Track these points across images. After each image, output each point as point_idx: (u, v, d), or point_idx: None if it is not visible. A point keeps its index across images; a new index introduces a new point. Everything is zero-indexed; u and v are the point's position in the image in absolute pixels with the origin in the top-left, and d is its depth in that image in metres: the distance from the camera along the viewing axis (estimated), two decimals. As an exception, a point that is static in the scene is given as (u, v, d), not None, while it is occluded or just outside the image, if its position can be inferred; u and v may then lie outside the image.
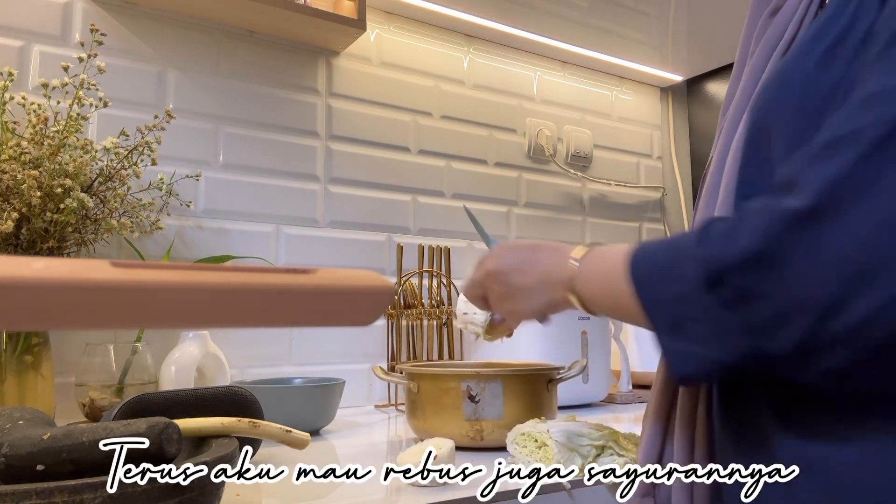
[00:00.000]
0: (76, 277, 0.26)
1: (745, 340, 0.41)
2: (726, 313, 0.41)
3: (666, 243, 0.47)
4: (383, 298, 0.34)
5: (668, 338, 0.45)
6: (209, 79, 1.22)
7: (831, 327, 0.38)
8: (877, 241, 0.36)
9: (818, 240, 0.38)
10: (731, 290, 0.40)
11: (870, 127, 0.38)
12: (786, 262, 0.38)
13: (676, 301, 0.43)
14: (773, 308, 0.39)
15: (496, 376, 0.83)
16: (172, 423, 0.49)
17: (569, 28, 1.54)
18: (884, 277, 0.36)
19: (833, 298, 0.37)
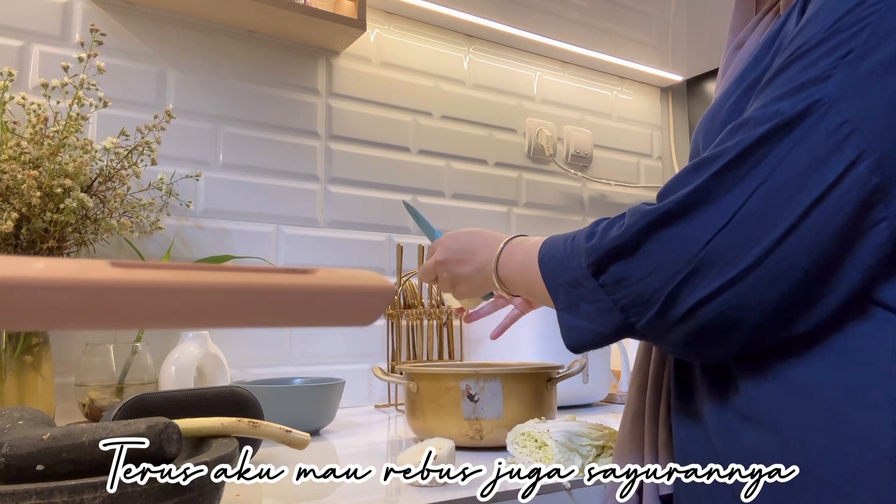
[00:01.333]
0: (76, 277, 0.26)
1: (619, 316, 0.50)
2: (605, 295, 0.50)
3: (566, 236, 0.57)
4: (383, 298, 0.34)
5: (565, 315, 0.54)
6: (209, 79, 1.22)
7: (673, 311, 0.46)
8: (709, 244, 0.45)
9: (668, 238, 0.46)
10: (610, 276, 0.50)
11: (728, 150, 0.45)
12: (647, 254, 0.47)
13: (571, 285, 0.53)
14: (637, 292, 0.48)
15: (495, 375, 0.83)
16: (172, 423, 0.49)
17: (569, 28, 1.54)
18: (708, 274, 0.45)
19: (673, 288, 0.46)
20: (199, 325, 0.30)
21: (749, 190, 0.44)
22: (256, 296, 0.30)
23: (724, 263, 0.44)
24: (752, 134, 0.45)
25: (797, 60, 0.45)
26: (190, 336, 1.04)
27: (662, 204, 0.47)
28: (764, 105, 0.46)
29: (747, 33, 0.63)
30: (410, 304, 1.31)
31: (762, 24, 0.62)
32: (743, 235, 0.44)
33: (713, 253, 0.45)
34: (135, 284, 0.27)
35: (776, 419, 0.47)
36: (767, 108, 0.45)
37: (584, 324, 0.53)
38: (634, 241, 0.48)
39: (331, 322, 0.33)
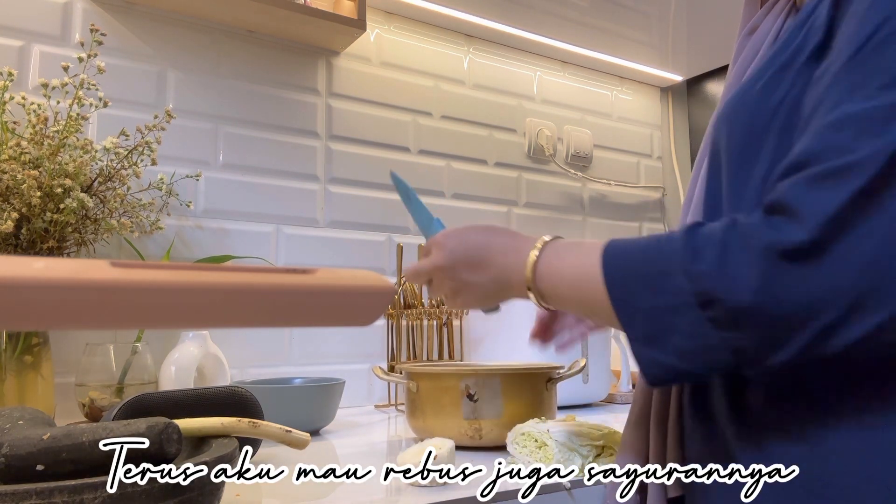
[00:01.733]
0: (76, 277, 0.26)
1: (727, 359, 0.42)
2: (715, 332, 0.42)
3: (644, 247, 0.47)
4: (383, 298, 0.34)
5: (644, 347, 0.45)
6: (209, 79, 1.22)
7: (814, 352, 0.40)
8: (864, 276, 0.38)
9: (809, 276, 0.39)
10: (723, 314, 0.41)
11: (865, 159, 0.39)
12: (780, 295, 0.40)
13: (661, 312, 0.44)
14: (761, 335, 0.41)
15: (494, 375, 0.83)
16: (172, 423, 0.49)
17: (569, 28, 1.54)
18: (871, 307, 0.38)
19: (810, 336, 0.40)
20: (199, 325, 0.30)
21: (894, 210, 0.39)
22: (256, 296, 0.30)
23: (880, 299, 0.39)
24: (888, 139, 0.39)
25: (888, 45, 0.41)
26: (190, 336, 1.04)
27: (797, 231, 0.40)
28: (868, 97, 0.40)
29: (760, 18, 0.61)
30: (410, 304, 1.31)
31: (776, 9, 0.60)
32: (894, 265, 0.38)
33: (867, 288, 0.39)
34: (135, 284, 0.27)
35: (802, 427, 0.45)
36: (878, 101, 0.40)
37: (671, 361, 0.44)
38: (763, 276, 0.40)
39: (331, 322, 0.34)
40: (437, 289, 0.62)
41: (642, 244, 0.47)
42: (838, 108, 0.41)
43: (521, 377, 0.85)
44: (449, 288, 0.60)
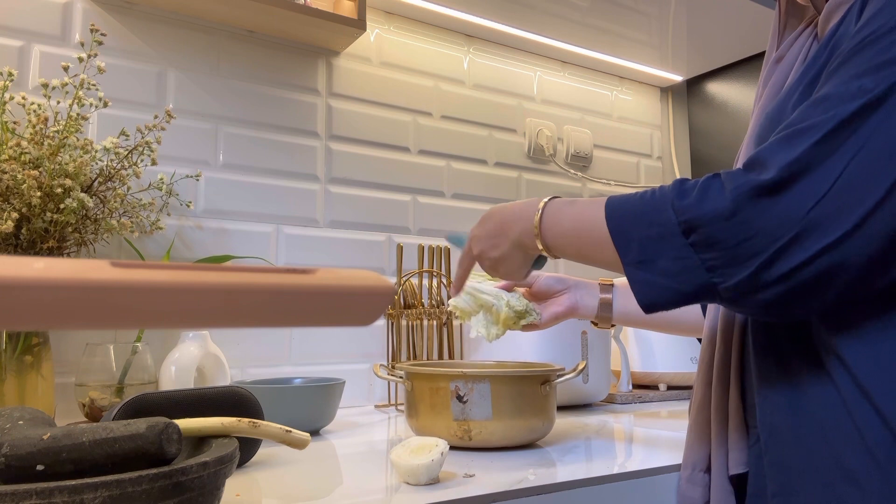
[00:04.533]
0: (76, 277, 0.26)
1: (703, 276, 0.52)
2: (693, 254, 0.52)
3: (640, 194, 0.57)
4: (383, 298, 0.34)
5: (637, 270, 0.55)
6: (209, 79, 1.22)
7: (769, 273, 0.50)
8: (811, 211, 0.48)
9: (771, 205, 0.49)
10: (702, 237, 0.51)
11: (823, 122, 0.50)
12: (746, 220, 0.50)
13: (650, 240, 0.54)
14: (731, 255, 0.51)
15: (484, 377, 0.82)
16: (172, 423, 0.49)
17: (569, 28, 1.54)
18: (809, 239, 0.48)
19: (775, 251, 0.49)
20: (199, 325, 0.30)
21: (846, 159, 0.48)
22: (256, 296, 0.30)
23: (825, 229, 0.48)
24: (844, 108, 0.49)
25: (871, 45, 0.50)
26: (190, 336, 1.04)
27: (765, 174, 0.50)
28: (843, 82, 0.50)
29: (786, 48, 0.69)
30: (410, 304, 1.31)
31: (801, 39, 0.68)
32: (842, 202, 0.48)
33: (814, 220, 0.48)
34: (135, 284, 0.27)
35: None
36: (849, 85, 0.50)
37: (660, 280, 0.54)
38: (734, 206, 0.50)
39: (331, 322, 0.34)
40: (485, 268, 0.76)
41: (639, 193, 0.58)
42: (820, 91, 0.52)
43: (512, 379, 0.83)
44: (489, 265, 0.74)
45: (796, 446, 0.55)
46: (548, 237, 0.66)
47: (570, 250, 0.65)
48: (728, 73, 1.82)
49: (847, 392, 0.52)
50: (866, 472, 0.50)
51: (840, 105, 0.50)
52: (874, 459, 0.50)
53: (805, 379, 0.55)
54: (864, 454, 0.50)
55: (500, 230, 0.71)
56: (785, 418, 0.57)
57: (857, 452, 0.51)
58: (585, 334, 1.24)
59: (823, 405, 0.54)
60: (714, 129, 1.86)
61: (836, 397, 0.53)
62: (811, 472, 0.54)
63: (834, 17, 0.61)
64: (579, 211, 0.63)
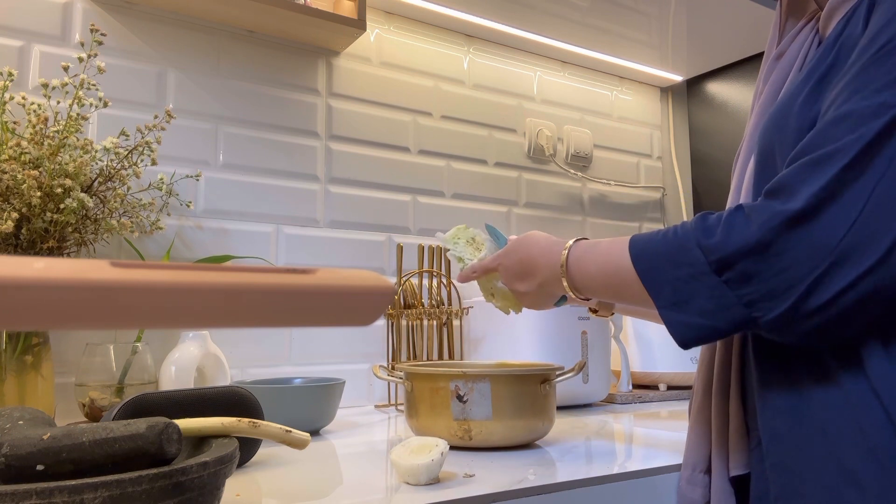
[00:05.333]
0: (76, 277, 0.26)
1: (741, 312, 0.51)
2: (728, 291, 0.51)
3: (663, 233, 0.57)
4: (383, 298, 0.34)
5: (671, 312, 0.55)
6: (209, 79, 1.22)
7: (808, 304, 0.49)
8: (845, 238, 0.48)
9: (803, 236, 0.49)
10: (736, 273, 0.51)
11: (847, 145, 0.49)
12: (780, 252, 0.49)
13: (682, 281, 0.54)
14: (768, 287, 0.50)
15: (484, 376, 0.82)
16: (172, 423, 0.49)
17: (569, 28, 1.54)
18: (845, 266, 0.48)
19: (812, 282, 0.48)
20: (199, 325, 0.30)
21: (873, 182, 0.48)
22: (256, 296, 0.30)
23: (860, 255, 0.48)
24: (868, 129, 0.49)
25: (888, 56, 0.50)
26: (190, 336, 1.04)
27: (792, 202, 0.49)
28: (864, 98, 0.50)
29: (786, 45, 0.69)
30: (410, 304, 1.31)
31: (801, 36, 0.68)
32: (874, 227, 0.48)
33: (848, 247, 0.48)
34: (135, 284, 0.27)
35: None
36: (870, 101, 0.49)
37: (697, 320, 0.53)
38: (766, 239, 0.50)
39: (331, 322, 0.33)
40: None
41: (661, 232, 0.57)
42: (841, 108, 0.51)
43: (512, 379, 0.83)
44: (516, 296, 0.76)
45: (798, 449, 0.55)
46: (576, 281, 0.67)
47: (600, 291, 0.65)
48: (728, 73, 1.82)
49: (854, 394, 0.52)
50: (868, 474, 0.50)
51: (863, 124, 0.49)
52: (877, 461, 0.50)
53: (807, 381, 0.55)
54: (866, 456, 0.50)
55: (528, 269, 0.72)
56: (786, 421, 0.57)
57: (859, 454, 0.51)
58: (585, 334, 1.24)
59: (826, 407, 0.54)
60: (714, 128, 1.86)
61: (840, 399, 0.53)
62: (813, 475, 0.54)
63: (836, 15, 0.60)
64: (604, 253, 0.63)
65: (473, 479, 0.68)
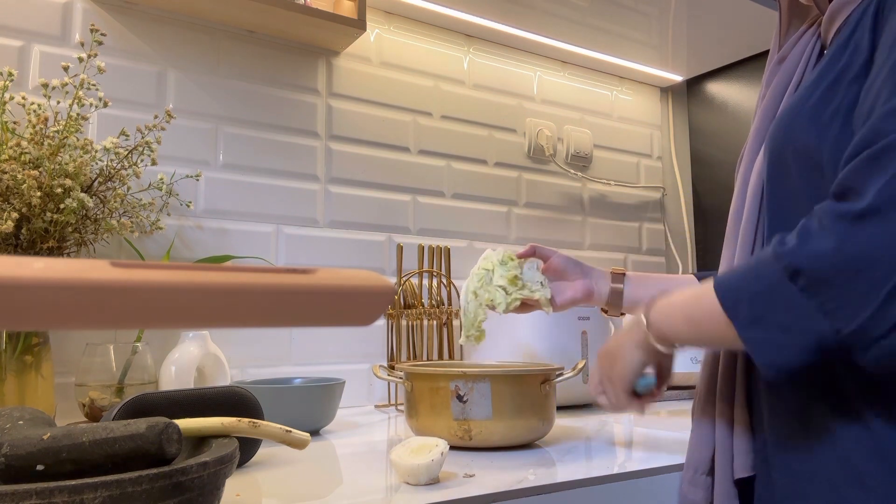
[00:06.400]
0: (76, 277, 0.26)
1: (822, 323, 0.47)
2: (807, 301, 0.47)
3: (743, 264, 0.54)
4: (383, 298, 0.34)
5: (750, 330, 0.50)
6: (209, 79, 1.22)
7: (891, 311, 0.44)
8: None
9: (876, 232, 0.45)
10: (809, 279, 0.47)
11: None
12: (854, 253, 0.46)
13: (760, 295, 0.50)
14: (844, 291, 0.46)
15: (484, 376, 0.82)
16: (172, 423, 0.49)
17: (569, 28, 1.54)
18: None
19: (889, 286, 0.44)
20: (199, 325, 0.30)
21: None
22: (257, 296, 0.30)
23: None
24: None
25: None
26: (190, 336, 1.04)
27: (861, 201, 0.47)
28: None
29: (788, 49, 0.69)
30: (410, 304, 1.31)
31: (803, 40, 0.68)
32: None
33: None
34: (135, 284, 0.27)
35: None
36: None
37: (777, 336, 0.49)
38: (837, 240, 0.46)
39: (331, 322, 0.33)
40: (607, 394, 0.72)
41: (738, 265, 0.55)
42: (886, 104, 0.49)
43: (512, 379, 0.84)
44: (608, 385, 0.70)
45: (804, 450, 0.55)
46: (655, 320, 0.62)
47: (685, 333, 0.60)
48: (728, 73, 1.82)
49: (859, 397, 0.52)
50: (874, 475, 0.50)
51: None
52: (883, 461, 0.50)
53: (816, 385, 0.55)
54: (872, 456, 0.50)
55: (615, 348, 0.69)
56: (792, 423, 0.57)
57: (865, 455, 0.51)
58: (585, 334, 1.24)
59: (832, 409, 0.54)
60: (714, 129, 1.86)
61: (847, 401, 0.53)
62: (819, 477, 0.54)
63: (838, 19, 0.61)
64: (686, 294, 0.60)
65: (473, 479, 0.68)
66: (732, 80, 1.81)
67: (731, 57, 1.76)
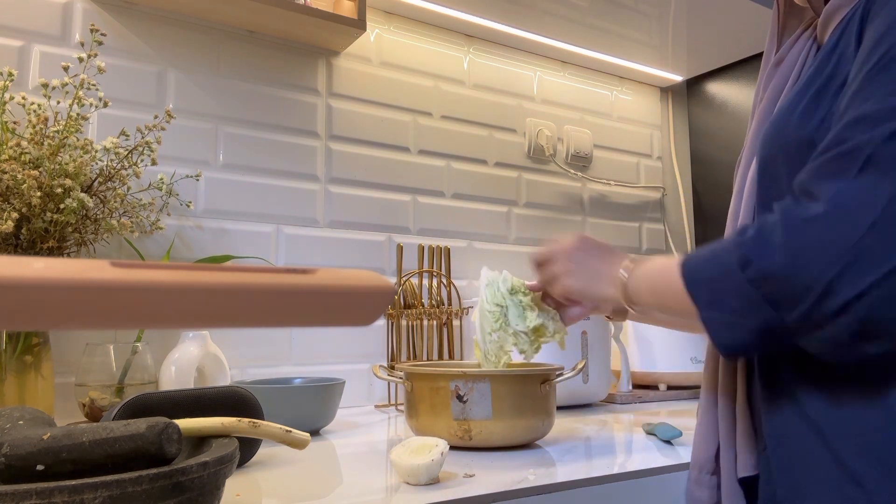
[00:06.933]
0: (76, 277, 0.26)
1: (768, 311, 0.50)
2: (752, 289, 0.51)
3: (709, 246, 0.58)
4: (383, 298, 0.34)
5: (708, 311, 0.54)
6: (209, 79, 1.22)
7: (828, 304, 0.48)
8: (862, 240, 0.47)
9: (823, 235, 0.48)
10: (757, 270, 0.51)
11: (864, 143, 0.49)
12: (797, 252, 0.49)
13: (715, 280, 0.54)
14: (786, 285, 0.49)
15: (484, 376, 0.82)
16: (172, 423, 0.49)
17: (569, 28, 1.54)
18: (862, 269, 0.46)
19: (829, 282, 0.47)
20: (199, 325, 0.30)
21: (893, 181, 0.47)
22: (257, 296, 0.30)
23: (878, 257, 0.46)
24: (885, 127, 0.48)
25: (893, 62, 0.50)
26: (190, 336, 1.04)
27: (814, 203, 0.49)
28: (878, 100, 0.50)
29: (785, 51, 0.69)
30: (410, 304, 1.31)
31: (800, 42, 0.68)
32: (893, 229, 0.47)
33: (867, 248, 0.47)
34: (135, 284, 0.27)
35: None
36: (883, 103, 0.49)
37: (730, 318, 0.53)
38: (787, 237, 0.50)
39: (331, 322, 0.34)
40: (554, 268, 0.76)
41: (707, 246, 0.58)
42: (854, 112, 0.51)
43: (512, 379, 0.83)
44: (564, 268, 0.74)
45: (801, 450, 0.55)
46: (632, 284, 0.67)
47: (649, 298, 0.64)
48: (728, 73, 1.82)
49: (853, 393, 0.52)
50: (869, 473, 0.50)
51: (878, 125, 0.49)
52: (879, 460, 0.50)
53: (807, 385, 0.56)
54: (868, 455, 0.51)
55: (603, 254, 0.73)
56: (787, 423, 0.57)
57: (860, 453, 0.51)
58: (585, 334, 1.24)
59: (826, 408, 0.54)
60: (714, 129, 1.86)
61: (840, 400, 0.53)
62: (817, 476, 0.54)
63: (833, 22, 0.61)
64: (658, 262, 0.65)
65: (473, 479, 0.68)
66: (732, 80, 1.81)
67: (731, 57, 1.76)
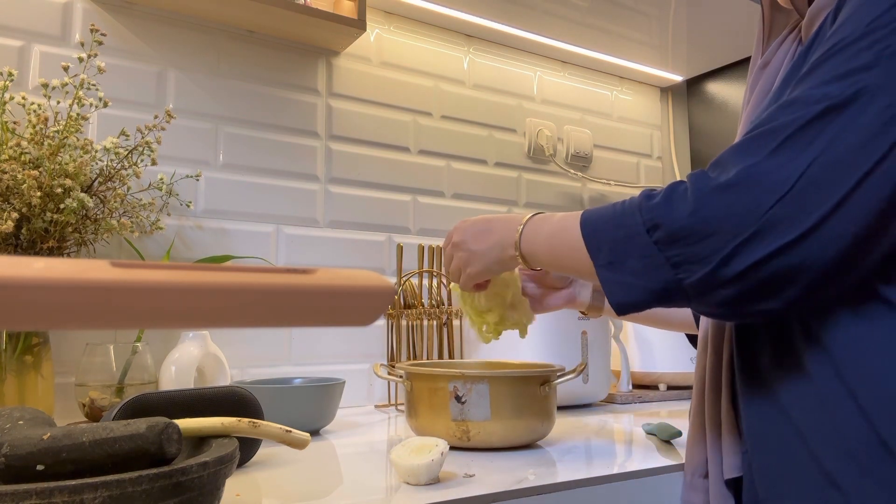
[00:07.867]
0: (76, 277, 0.26)
1: (668, 272, 0.53)
2: (659, 252, 0.53)
3: (611, 205, 0.59)
4: (383, 298, 0.34)
5: (607, 271, 0.57)
6: (209, 79, 1.22)
7: (727, 270, 0.50)
8: (771, 210, 0.49)
9: (731, 203, 0.50)
10: (665, 234, 0.53)
11: (786, 125, 0.51)
12: (706, 218, 0.51)
13: (618, 241, 0.56)
14: (693, 251, 0.51)
15: (482, 377, 0.82)
16: (172, 423, 0.49)
17: (569, 28, 1.54)
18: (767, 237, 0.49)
19: (732, 249, 0.50)
20: (199, 325, 0.30)
21: (807, 162, 0.49)
22: (257, 296, 0.30)
23: (783, 228, 0.49)
24: (807, 111, 0.50)
25: (839, 53, 0.51)
26: (190, 336, 1.04)
27: (726, 174, 0.51)
28: (811, 88, 0.51)
29: (771, 53, 0.70)
30: (410, 304, 1.31)
31: (785, 44, 0.69)
32: (802, 203, 0.49)
33: (773, 219, 0.49)
34: (135, 284, 0.27)
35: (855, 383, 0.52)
36: (815, 91, 0.51)
37: (629, 279, 0.55)
38: (696, 204, 0.51)
39: (331, 322, 0.33)
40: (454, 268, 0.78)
41: (612, 203, 0.60)
42: (788, 96, 0.53)
43: (511, 380, 0.83)
44: (460, 259, 0.76)
45: (779, 452, 0.56)
46: (525, 244, 0.69)
47: (546, 257, 0.67)
48: (728, 73, 1.82)
49: (828, 392, 0.52)
50: (846, 475, 0.50)
51: (804, 108, 0.50)
52: (855, 461, 0.50)
53: (783, 384, 0.56)
54: (844, 456, 0.51)
55: (486, 229, 0.74)
56: (765, 423, 0.57)
57: (836, 455, 0.51)
58: (585, 334, 1.24)
59: (802, 408, 0.54)
60: (714, 129, 1.86)
61: (815, 400, 0.53)
62: (794, 477, 0.54)
63: (816, 23, 0.61)
64: (557, 220, 0.66)
65: (473, 479, 0.68)
66: (732, 80, 1.81)
67: (731, 57, 1.76)
